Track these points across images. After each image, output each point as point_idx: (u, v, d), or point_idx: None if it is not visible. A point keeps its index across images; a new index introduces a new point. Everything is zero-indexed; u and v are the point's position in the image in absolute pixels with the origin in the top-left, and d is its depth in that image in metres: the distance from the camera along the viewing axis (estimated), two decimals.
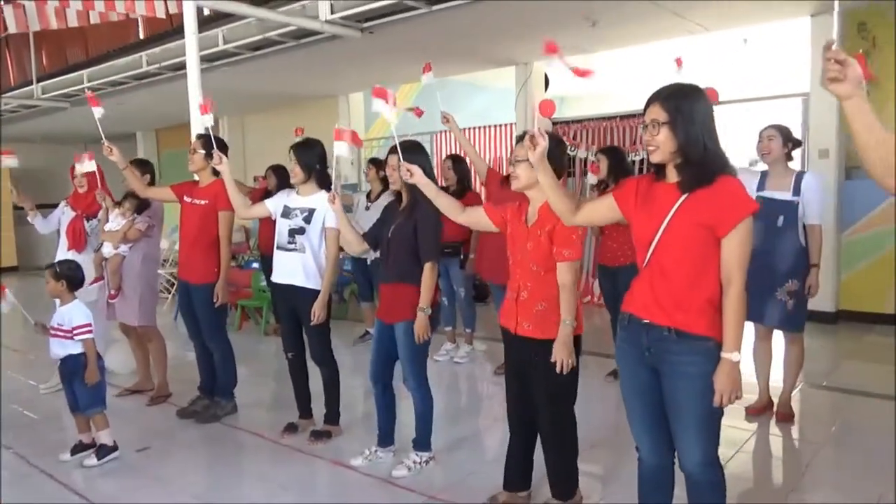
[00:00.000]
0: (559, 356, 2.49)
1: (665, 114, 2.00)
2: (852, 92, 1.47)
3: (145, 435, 3.90)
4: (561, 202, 2.27)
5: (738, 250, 1.97)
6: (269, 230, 4.60)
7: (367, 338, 5.84)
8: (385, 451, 3.33)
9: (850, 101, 1.48)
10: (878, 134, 1.51)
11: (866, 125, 1.50)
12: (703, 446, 2.08)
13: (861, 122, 1.50)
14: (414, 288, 3.07)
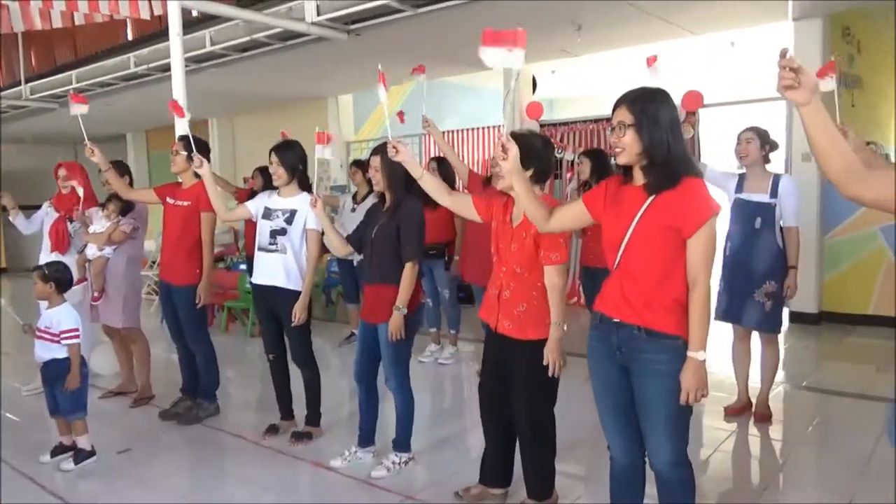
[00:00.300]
0: (551, 358, 2.52)
1: (631, 116, 2.04)
2: (808, 99, 1.48)
3: (127, 437, 3.90)
4: (534, 209, 2.28)
5: (703, 251, 2.01)
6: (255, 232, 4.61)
7: (352, 339, 5.84)
8: (365, 451, 3.34)
9: (807, 108, 1.49)
10: (836, 140, 1.54)
11: (824, 132, 1.52)
12: (672, 445, 2.11)
13: (819, 129, 1.51)
14: (396, 288, 3.08)
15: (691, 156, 2.17)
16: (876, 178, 1.55)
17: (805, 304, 6.09)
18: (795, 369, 4.95)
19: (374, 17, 5.43)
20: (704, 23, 5.91)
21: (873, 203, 1.60)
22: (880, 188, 1.54)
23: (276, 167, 3.50)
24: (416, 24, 5.56)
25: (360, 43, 5.97)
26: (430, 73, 7.86)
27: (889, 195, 1.53)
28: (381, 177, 3.11)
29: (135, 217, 4.50)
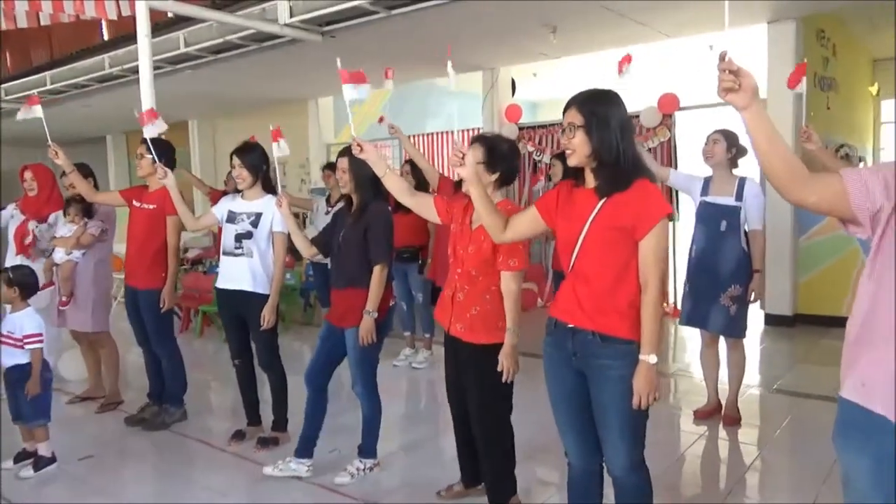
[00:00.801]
0: (505, 364, 2.50)
1: (581, 117, 2.03)
2: (749, 102, 1.46)
3: (91, 443, 3.83)
4: (490, 218, 2.24)
5: (654, 253, 1.99)
6: None
7: None
8: (299, 462, 3.18)
9: (748, 111, 1.47)
10: (778, 142, 1.52)
11: (766, 135, 1.50)
12: (628, 450, 2.10)
13: (760, 133, 1.50)
14: (365, 292, 3.04)
15: (642, 157, 2.15)
16: (818, 182, 1.54)
17: (780, 307, 6.12)
18: (769, 372, 4.97)
19: (348, 19, 5.40)
20: (680, 26, 5.93)
21: (816, 207, 1.59)
22: (822, 192, 1.52)
23: (238, 170, 3.46)
24: (392, 25, 5.54)
25: (336, 45, 5.93)
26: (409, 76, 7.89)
27: (831, 199, 1.52)
28: (348, 178, 3.07)
29: (102, 219, 4.44)
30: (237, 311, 3.59)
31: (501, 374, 2.52)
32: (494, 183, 2.60)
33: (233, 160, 3.47)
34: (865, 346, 1.47)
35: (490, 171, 2.57)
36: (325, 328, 3.21)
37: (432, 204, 2.71)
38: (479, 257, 2.55)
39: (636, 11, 5.40)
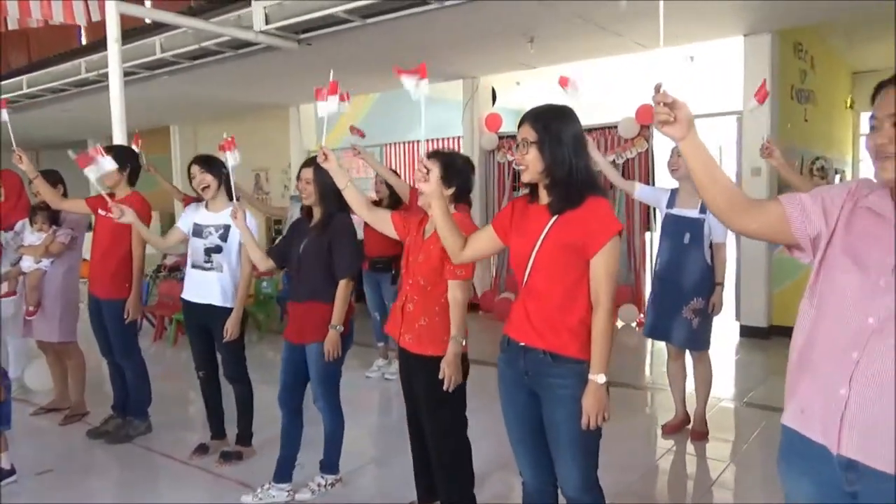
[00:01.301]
0: (446, 372, 2.46)
1: (534, 133, 2.01)
2: (684, 133, 1.46)
3: (53, 456, 3.77)
4: (450, 237, 2.20)
5: (605, 270, 1.97)
6: None
7: None
8: (280, 487, 3.11)
9: (685, 142, 1.48)
10: (716, 171, 1.53)
11: (704, 165, 1.50)
12: (580, 470, 2.07)
13: (698, 163, 1.50)
14: (327, 306, 3.00)
15: (595, 174, 2.14)
16: (759, 209, 1.54)
17: (754, 318, 6.13)
18: (742, 384, 4.97)
19: (325, 27, 5.36)
20: (656, 38, 5.92)
21: (758, 234, 1.59)
22: (763, 219, 1.53)
23: (201, 176, 3.40)
24: (370, 33, 5.51)
25: (313, 52, 5.91)
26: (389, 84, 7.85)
27: (773, 225, 1.52)
28: (312, 190, 3.03)
29: (72, 227, 4.37)
30: (204, 322, 3.53)
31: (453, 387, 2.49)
32: (450, 197, 2.58)
33: (191, 169, 3.42)
34: (805, 372, 1.45)
35: (446, 185, 2.54)
36: (286, 347, 3.14)
37: (389, 219, 2.70)
38: (429, 266, 2.53)
39: (612, 23, 5.40)
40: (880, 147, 1.33)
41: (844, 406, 1.33)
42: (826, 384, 1.37)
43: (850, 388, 1.33)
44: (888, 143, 1.31)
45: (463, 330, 2.50)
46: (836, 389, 1.34)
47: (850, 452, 1.34)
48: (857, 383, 1.32)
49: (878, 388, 1.30)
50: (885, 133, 1.32)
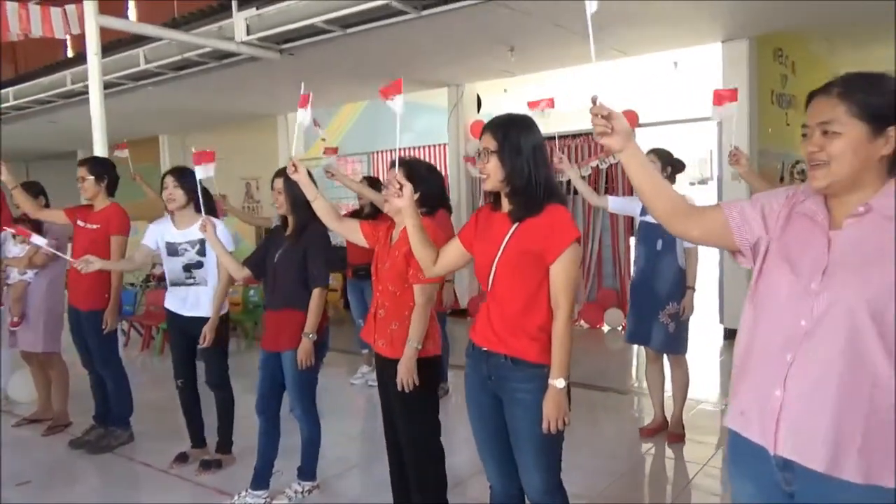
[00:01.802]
0: (400, 375, 2.48)
1: (494, 142, 2.04)
2: (624, 144, 1.49)
3: (34, 467, 3.78)
4: (423, 252, 2.23)
5: (565, 276, 2.00)
6: None
7: None
8: (256, 495, 3.14)
9: (624, 153, 1.51)
10: (656, 179, 1.57)
11: (643, 173, 1.55)
12: (542, 473, 2.10)
13: (639, 171, 1.54)
14: (302, 314, 3.03)
15: (556, 182, 2.17)
16: (701, 215, 1.58)
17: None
18: (725, 386, 5.00)
19: (305, 37, 5.41)
20: (637, 45, 6.00)
21: (701, 240, 1.63)
22: (705, 226, 1.57)
23: (172, 189, 3.42)
24: (351, 42, 5.55)
25: (296, 61, 5.95)
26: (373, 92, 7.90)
27: (715, 232, 1.56)
28: (283, 199, 3.07)
29: (56, 237, 4.38)
30: (191, 332, 3.52)
31: (425, 391, 2.52)
32: (417, 202, 2.60)
33: (165, 179, 3.43)
34: (745, 374, 1.49)
35: None
36: (262, 355, 3.17)
37: (358, 228, 2.73)
38: (395, 271, 2.56)
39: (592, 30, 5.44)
40: (810, 155, 1.37)
41: (780, 407, 1.37)
42: (763, 386, 1.41)
43: (784, 390, 1.36)
44: (818, 150, 1.36)
45: (421, 334, 2.51)
46: (772, 391, 1.38)
47: (786, 452, 1.37)
48: (790, 384, 1.36)
49: (810, 388, 1.33)
50: (815, 141, 1.36)
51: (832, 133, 1.34)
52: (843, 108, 1.33)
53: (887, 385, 1.27)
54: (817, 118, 1.37)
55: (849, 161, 1.33)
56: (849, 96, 1.33)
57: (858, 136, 1.32)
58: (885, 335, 1.27)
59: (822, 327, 1.33)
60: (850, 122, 1.33)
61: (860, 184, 1.35)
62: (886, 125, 1.32)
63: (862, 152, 1.33)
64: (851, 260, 1.33)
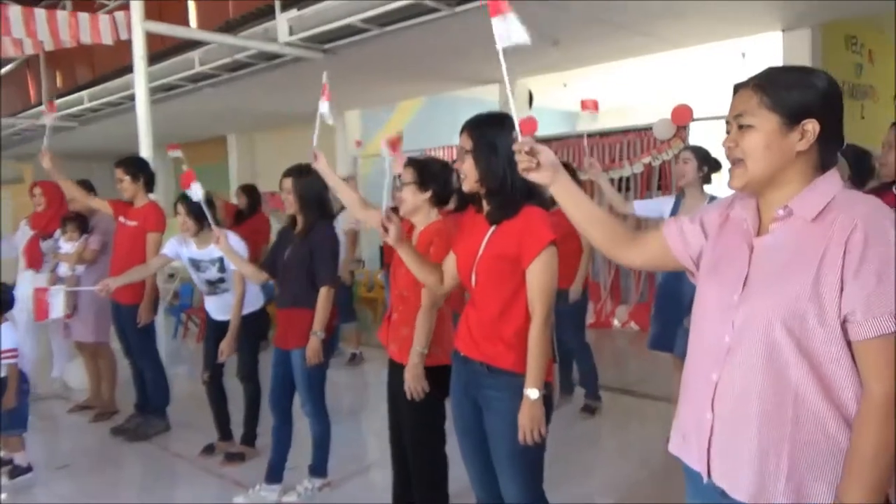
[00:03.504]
0: (407, 383, 2.45)
1: (470, 142, 1.99)
2: (552, 177, 1.46)
3: (76, 451, 4.01)
4: (426, 276, 2.20)
5: (540, 281, 1.93)
6: None
7: (354, 361, 5.88)
8: (270, 488, 3.20)
9: (554, 186, 1.48)
10: (591, 212, 1.51)
11: (576, 206, 1.51)
12: (519, 484, 2.03)
13: (570, 204, 1.50)
14: (310, 312, 3.05)
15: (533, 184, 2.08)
16: (641, 242, 1.52)
17: None
18: None
19: (345, 37, 5.46)
20: (684, 36, 5.73)
21: (646, 266, 1.58)
22: (646, 252, 1.51)
23: (184, 218, 3.51)
24: (392, 41, 5.56)
25: (339, 61, 6.01)
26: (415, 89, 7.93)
27: (657, 255, 1.50)
28: (293, 199, 3.10)
29: (102, 233, 4.62)
30: (221, 333, 3.59)
31: (435, 395, 2.48)
32: (429, 201, 2.57)
33: (178, 207, 3.52)
34: (684, 395, 1.39)
35: (422, 190, 2.54)
36: (274, 353, 3.22)
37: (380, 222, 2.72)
38: (408, 276, 2.52)
39: (637, 23, 5.26)
40: (728, 151, 1.26)
41: (710, 431, 1.26)
42: (697, 408, 1.31)
43: (713, 412, 1.26)
44: (733, 146, 1.24)
45: (426, 339, 2.46)
46: (704, 413, 1.28)
47: (717, 480, 1.26)
48: (717, 406, 1.25)
49: (732, 411, 1.23)
50: (731, 136, 1.25)
51: (746, 127, 1.23)
52: (756, 99, 1.22)
53: (812, 401, 1.16)
54: (733, 111, 1.26)
55: (762, 157, 1.22)
56: (763, 87, 1.22)
57: (771, 130, 1.21)
58: (804, 349, 1.15)
59: (742, 343, 1.22)
60: (762, 113, 1.21)
61: (780, 183, 1.24)
62: (801, 118, 1.19)
63: (775, 147, 1.21)
64: (769, 268, 1.22)
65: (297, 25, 5.39)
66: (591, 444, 3.91)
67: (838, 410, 1.15)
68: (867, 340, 1.11)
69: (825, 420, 1.15)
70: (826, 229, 1.16)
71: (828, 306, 1.13)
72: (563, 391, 4.50)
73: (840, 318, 1.13)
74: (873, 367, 1.12)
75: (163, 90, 7.64)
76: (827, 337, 1.14)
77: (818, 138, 1.20)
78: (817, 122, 1.19)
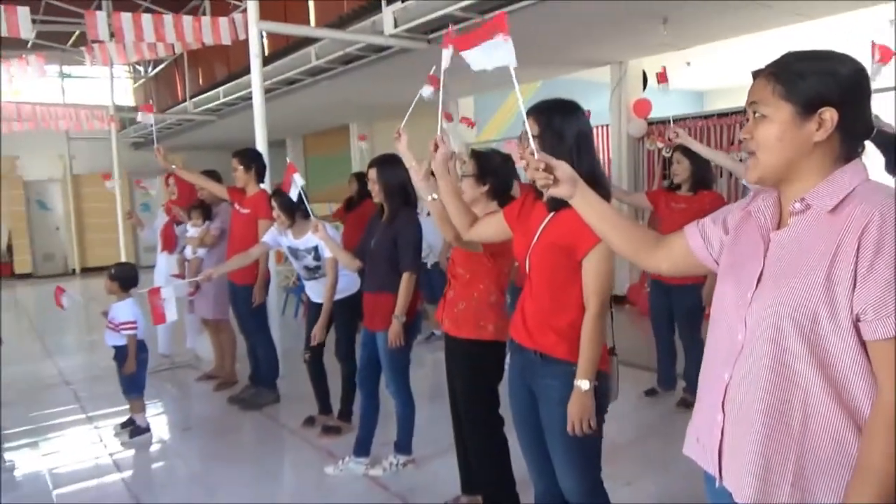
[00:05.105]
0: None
1: (536, 127, 1.99)
2: (571, 190, 1.45)
3: (198, 416, 4.47)
4: (456, 214, 2.25)
5: (595, 274, 1.92)
6: None
7: (432, 339, 6.05)
8: (358, 461, 3.40)
9: (575, 199, 1.46)
10: (615, 222, 1.49)
11: (599, 215, 1.48)
12: (576, 473, 2.04)
13: (594, 216, 1.48)
14: (393, 297, 3.18)
15: (601, 172, 2.06)
16: (666, 247, 1.47)
17: None
18: None
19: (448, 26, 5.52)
20: (820, 6, 5.27)
21: (671, 272, 1.53)
22: (671, 256, 1.46)
23: (277, 213, 3.71)
24: None
25: None
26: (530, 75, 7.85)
27: (683, 259, 1.44)
28: (378, 188, 3.24)
29: (223, 220, 5.05)
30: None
31: (487, 372, 2.59)
32: (486, 194, 2.64)
33: (272, 200, 3.75)
34: (700, 397, 1.34)
35: (480, 182, 2.61)
36: (364, 333, 3.40)
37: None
38: (464, 254, 2.62)
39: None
40: (745, 143, 1.19)
41: (721, 433, 1.22)
42: (709, 409, 1.26)
43: (723, 414, 1.21)
44: (748, 137, 1.17)
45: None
46: (715, 415, 1.23)
47: (727, 483, 1.22)
48: (728, 407, 1.20)
49: (741, 411, 1.17)
50: (747, 127, 1.19)
51: (760, 117, 1.17)
52: (770, 87, 1.15)
53: (822, 406, 1.09)
54: (749, 99, 1.19)
55: (775, 149, 1.15)
56: (778, 75, 1.15)
57: (785, 120, 1.13)
58: (816, 349, 1.08)
59: (752, 342, 1.16)
60: (777, 103, 1.14)
61: (799, 175, 1.16)
62: (817, 107, 1.10)
63: (790, 138, 1.14)
64: (781, 264, 1.15)
65: (402, 17, 5.53)
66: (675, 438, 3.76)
67: (851, 416, 1.08)
68: (876, 342, 1.03)
69: (836, 425, 1.08)
70: (843, 222, 1.08)
71: (840, 304, 1.06)
72: (665, 384, 4.38)
73: (853, 317, 1.06)
74: (881, 370, 1.04)
75: (286, 84, 8.15)
76: (840, 337, 1.07)
77: (838, 127, 1.11)
78: (836, 110, 1.10)
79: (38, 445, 3.96)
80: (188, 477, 3.57)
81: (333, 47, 6.61)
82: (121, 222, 10.26)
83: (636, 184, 7.56)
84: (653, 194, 4.30)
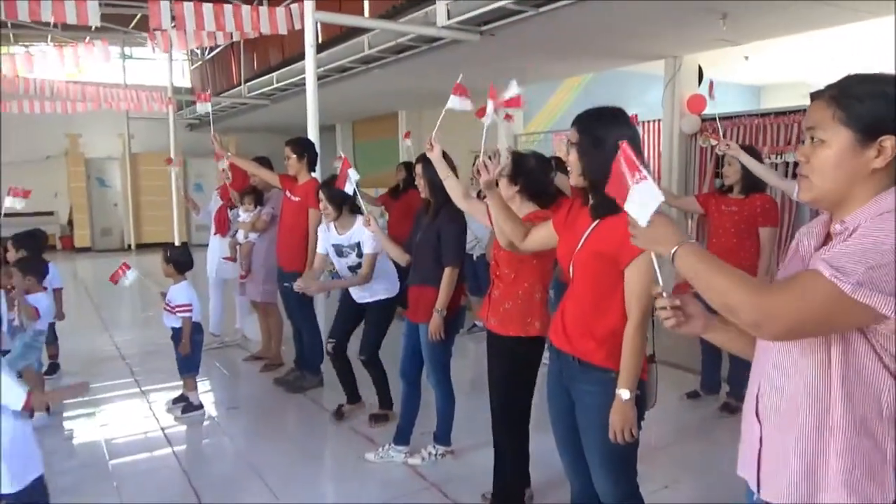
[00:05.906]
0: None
1: (576, 135, 2.01)
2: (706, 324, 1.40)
3: (245, 396, 4.64)
4: (510, 227, 2.30)
5: (637, 283, 1.93)
6: None
7: (473, 330, 6.10)
8: (398, 450, 3.47)
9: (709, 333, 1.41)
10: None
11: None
12: (612, 478, 2.07)
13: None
14: (436, 290, 3.24)
15: None
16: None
17: None
18: None
19: (502, 18, 5.52)
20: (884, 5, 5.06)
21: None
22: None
23: (325, 204, 3.74)
24: (550, 21, 5.52)
25: (497, 42, 6.10)
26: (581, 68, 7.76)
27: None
28: (424, 183, 3.29)
29: (274, 206, 5.18)
30: (359, 313, 3.95)
31: (529, 367, 2.68)
32: (519, 194, 2.72)
33: (320, 193, 3.78)
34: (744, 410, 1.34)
35: (512, 182, 2.67)
36: (406, 325, 3.47)
37: (485, 210, 2.82)
38: (508, 255, 2.65)
39: None
40: (799, 165, 1.19)
41: (759, 443, 1.23)
42: (749, 420, 1.27)
43: (760, 424, 1.22)
44: (805, 162, 1.17)
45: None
46: (753, 425, 1.24)
47: (764, 494, 1.23)
48: (763, 417, 1.21)
49: (774, 423, 1.19)
50: (803, 150, 1.18)
51: (818, 141, 1.16)
52: (830, 112, 1.14)
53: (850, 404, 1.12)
54: (806, 123, 1.18)
55: (831, 174, 1.14)
56: (839, 99, 1.13)
57: (843, 147, 1.12)
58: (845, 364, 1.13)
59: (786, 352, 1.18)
60: (836, 128, 1.13)
61: (851, 200, 1.15)
62: (878, 134, 1.09)
63: (847, 164, 1.13)
64: None
65: (455, 9, 5.54)
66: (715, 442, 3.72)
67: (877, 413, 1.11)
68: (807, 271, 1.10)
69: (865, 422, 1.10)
70: None
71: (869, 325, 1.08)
72: (709, 389, 4.33)
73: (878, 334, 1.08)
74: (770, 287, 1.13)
75: (339, 71, 8.26)
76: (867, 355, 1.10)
77: None
78: None
79: (94, 416, 4.17)
80: (234, 454, 3.71)
81: (386, 37, 6.67)
82: (174, 201, 10.58)
83: (686, 181, 7.42)
84: (703, 197, 4.24)
